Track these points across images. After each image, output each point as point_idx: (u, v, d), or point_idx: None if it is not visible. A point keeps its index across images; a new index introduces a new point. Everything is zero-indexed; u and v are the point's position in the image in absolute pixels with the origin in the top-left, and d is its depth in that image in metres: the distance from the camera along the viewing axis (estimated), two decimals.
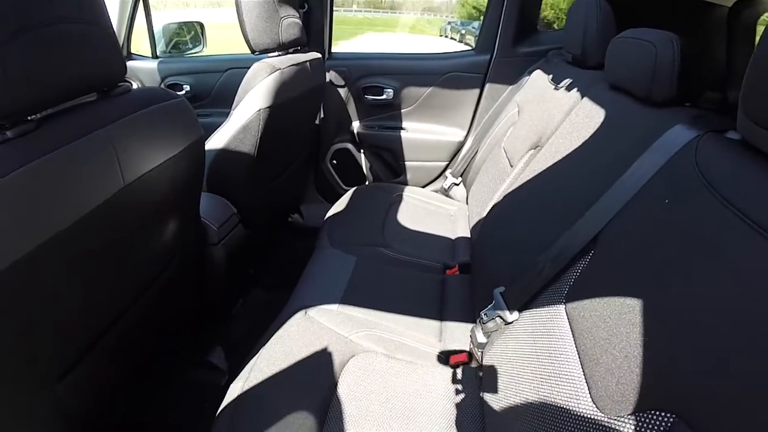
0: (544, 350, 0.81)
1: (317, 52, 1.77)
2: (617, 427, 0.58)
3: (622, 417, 0.58)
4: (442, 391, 0.99)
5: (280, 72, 1.40)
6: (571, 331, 0.77)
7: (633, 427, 0.56)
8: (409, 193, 1.96)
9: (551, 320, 0.83)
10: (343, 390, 0.95)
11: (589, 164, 1.08)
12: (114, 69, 0.78)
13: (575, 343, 0.74)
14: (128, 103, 0.81)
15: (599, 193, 0.88)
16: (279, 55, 1.51)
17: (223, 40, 3.98)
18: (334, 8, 2.11)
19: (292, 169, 1.89)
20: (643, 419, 0.56)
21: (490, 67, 2.08)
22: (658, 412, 0.54)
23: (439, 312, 1.26)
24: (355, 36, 16.61)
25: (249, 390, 0.92)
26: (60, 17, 0.65)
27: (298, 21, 1.61)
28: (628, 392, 0.59)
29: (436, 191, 2.18)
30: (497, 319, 1.01)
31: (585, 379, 0.69)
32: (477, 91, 2.13)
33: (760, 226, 0.52)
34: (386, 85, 2.15)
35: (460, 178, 2.14)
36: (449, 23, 17.76)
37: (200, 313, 1.43)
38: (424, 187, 2.28)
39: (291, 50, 1.59)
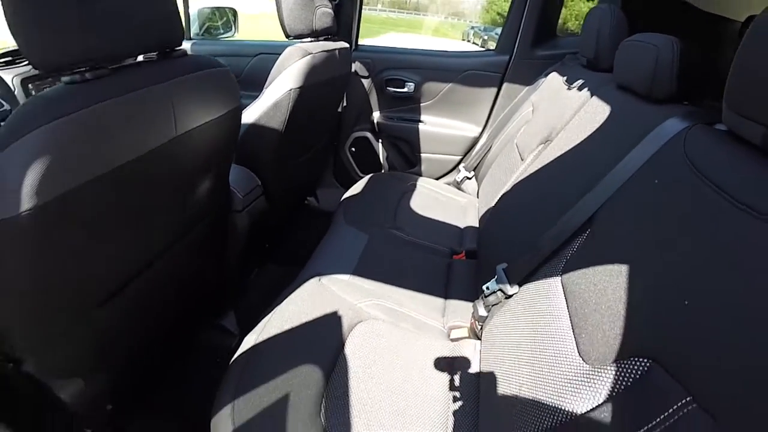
0: (539, 316, 0.89)
1: (345, 42, 1.86)
2: (600, 375, 0.66)
3: (605, 365, 0.66)
4: (441, 361, 1.06)
5: (312, 56, 1.49)
6: (565, 297, 0.85)
7: (614, 373, 0.64)
8: (423, 183, 2.04)
9: (548, 291, 0.91)
10: (349, 350, 1.03)
11: (591, 155, 1.16)
12: (174, 35, 0.87)
13: (567, 307, 0.82)
14: (184, 65, 0.90)
15: (598, 180, 0.96)
16: (311, 41, 1.60)
17: (250, 31, 4.07)
18: None
19: (313, 152, 1.98)
20: (622, 366, 0.63)
21: (508, 68, 2.16)
22: (636, 359, 0.62)
23: (444, 291, 1.34)
24: (378, 35, 16.69)
25: (262, 342, 1.01)
26: None
27: (331, 11, 1.70)
28: (612, 344, 0.67)
29: (448, 183, 2.26)
30: (498, 293, 1.09)
31: (574, 336, 0.77)
32: (494, 89, 2.21)
33: (740, 201, 0.60)
34: (408, 78, 2.23)
35: (472, 172, 2.22)
36: (472, 28, 17.83)
37: (219, 275, 1.53)
38: (437, 179, 2.36)
39: (322, 38, 1.68)
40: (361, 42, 2.27)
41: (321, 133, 2.02)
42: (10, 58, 1.59)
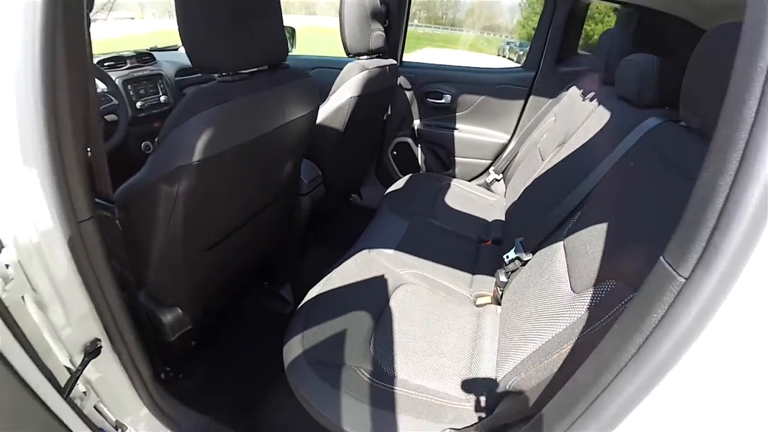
0: (545, 270, 1.16)
1: (393, 59, 2.18)
2: (582, 298, 0.93)
3: (586, 291, 0.93)
4: (468, 321, 1.30)
5: (368, 71, 1.82)
6: (565, 254, 1.12)
7: (590, 295, 0.90)
8: (456, 183, 2.33)
9: (553, 253, 1.17)
10: (393, 303, 1.31)
11: (592, 150, 1.44)
12: (283, 53, 1.21)
13: (566, 259, 1.10)
14: (287, 74, 1.24)
15: (594, 168, 1.25)
16: (367, 59, 1.93)
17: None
18: None
19: (362, 153, 2.31)
20: (597, 289, 0.90)
21: (534, 82, 2.44)
22: (605, 282, 0.89)
23: (472, 269, 1.60)
24: (415, 50, 16.96)
25: (323, 293, 1.30)
26: (257, 14, 1.08)
27: (383, 34, 2.03)
28: (591, 275, 0.94)
29: (479, 185, 2.53)
30: (516, 261, 1.36)
31: (568, 276, 1.04)
32: (522, 101, 2.48)
33: (683, 171, 0.89)
34: (446, 91, 2.54)
35: (501, 175, 2.49)
36: (508, 44, 17.91)
37: (283, 247, 1.87)
38: (470, 180, 2.64)
39: (375, 56, 2.02)
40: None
41: (370, 136, 2.35)
42: (113, 63, 2.00)
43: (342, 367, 1.08)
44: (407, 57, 2.65)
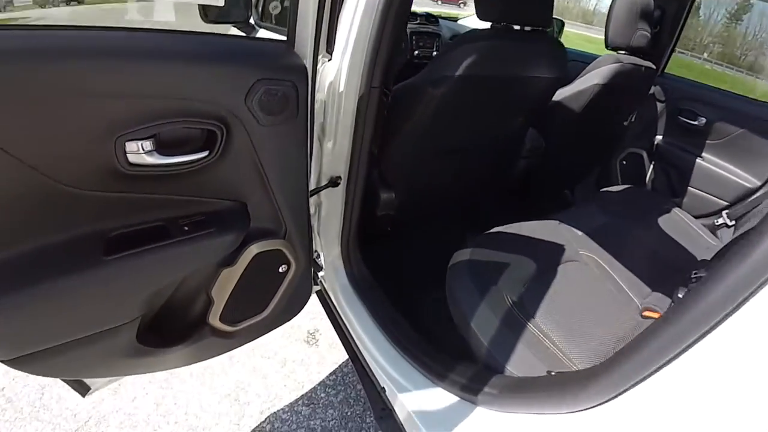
0: None
1: (653, 65, 2.13)
2: None
3: None
4: (623, 324, 1.26)
5: (621, 64, 1.85)
6: None
7: None
8: (678, 212, 2.13)
9: None
10: (560, 270, 1.37)
11: None
12: (544, 20, 1.45)
13: None
14: (544, 38, 1.49)
15: None
16: (624, 54, 1.95)
17: None
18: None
19: (589, 147, 2.33)
20: None
21: None
22: None
23: (656, 282, 1.50)
24: None
25: (503, 231, 1.51)
26: None
27: (648, 35, 2.00)
28: None
29: (705, 225, 2.26)
30: None
31: None
32: None
33: None
34: (702, 113, 2.33)
35: (734, 222, 2.24)
36: None
37: (486, 196, 2.10)
38: (695, 217, 2.40)
39: (634, 55, 2.01)
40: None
41: (603, 133, 2.34)
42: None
43: (493, 286, 1.25)
44: None
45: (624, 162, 2.64)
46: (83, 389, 1.17)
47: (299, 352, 2.06)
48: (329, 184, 1.31)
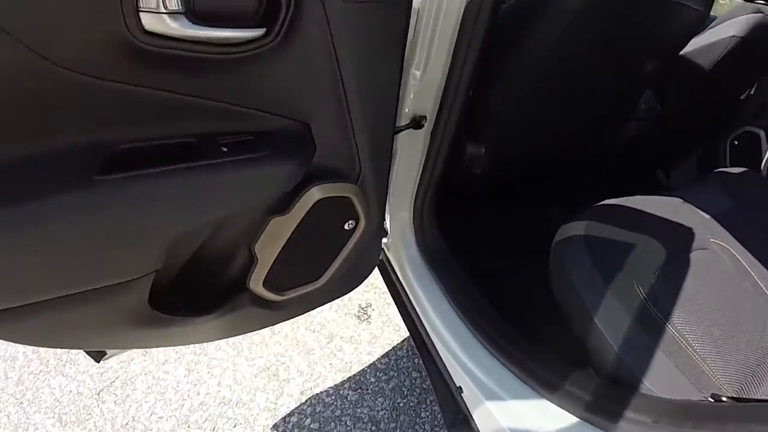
0: None
1: None
2: None
3: None
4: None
5: (764, 15, 1.50)
6: None
7: None
8: None
9: None
10: (692, 258, 1.10)
11: None
12: None
13: None
14: None
15: None
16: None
17: None
18: None
19: (707, 116, 2.06)
20: None
21: None
22: None
23: None
24: None
25: (618, 205, 1.22)
26: None
27: None
28: None
29: None
30: None
31: None
32: None
33: None
34: None
35: None
36: None
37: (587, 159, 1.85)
38: None
39: None
40: None
41: (720, 105, 1.96)
42: None
43: (619, 272, 1.00)
44: None
45: (736, 142, 2.25)
46: (98, 354, 0.95)
47: (348, 328, 1.83)
48: (410, 124, 0.99)
